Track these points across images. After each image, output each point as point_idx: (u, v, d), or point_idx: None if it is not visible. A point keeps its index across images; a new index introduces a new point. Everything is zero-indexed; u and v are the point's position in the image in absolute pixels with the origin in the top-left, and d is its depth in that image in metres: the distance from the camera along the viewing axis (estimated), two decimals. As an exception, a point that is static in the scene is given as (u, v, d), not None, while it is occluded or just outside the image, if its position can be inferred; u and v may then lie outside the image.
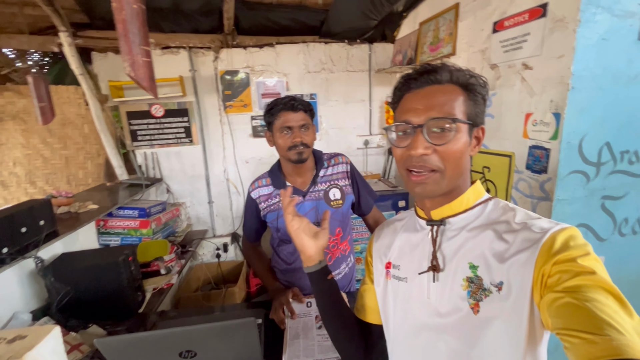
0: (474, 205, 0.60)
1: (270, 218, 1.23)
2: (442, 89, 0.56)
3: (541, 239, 0.48)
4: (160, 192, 2.67)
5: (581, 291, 0.41)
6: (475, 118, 0.57)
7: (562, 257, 0.45)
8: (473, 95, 0.56)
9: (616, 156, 1.29)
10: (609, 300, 0.41)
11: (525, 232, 0.51)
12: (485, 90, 0.58)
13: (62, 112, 2.41)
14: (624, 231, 1.38)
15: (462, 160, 0.56)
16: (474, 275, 0.54)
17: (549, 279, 0.45)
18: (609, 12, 1.15)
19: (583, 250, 0.46)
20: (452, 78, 0.56)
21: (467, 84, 0.56)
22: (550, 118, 1.27)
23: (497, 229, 0.55)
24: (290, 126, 1.13)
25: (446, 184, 0.56)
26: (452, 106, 0.54)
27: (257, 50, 2.57)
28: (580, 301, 0.41)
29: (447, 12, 1.92)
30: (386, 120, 2.77)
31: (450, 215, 0.60)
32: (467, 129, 0.56)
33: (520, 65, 1.41)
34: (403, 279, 0.65)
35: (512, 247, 0.51)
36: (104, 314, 1.31)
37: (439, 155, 0.54)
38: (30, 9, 1.92)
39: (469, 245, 0.56)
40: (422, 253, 0.63)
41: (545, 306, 0.45)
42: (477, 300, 0.53)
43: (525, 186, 1.42)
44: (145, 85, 0.85)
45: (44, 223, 1.33)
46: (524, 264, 0.49)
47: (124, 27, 0.76)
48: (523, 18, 1.37)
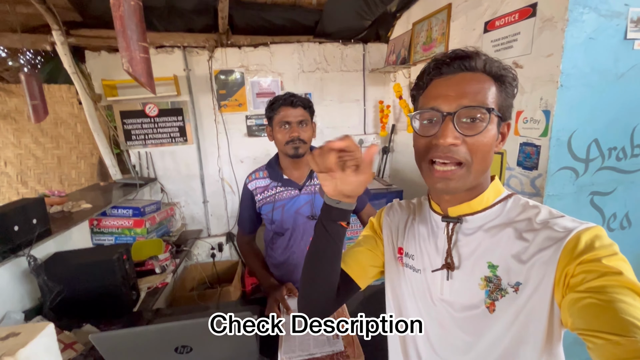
0: (494, 203, 0.57)
1: (265, 210, 1.25)
2: (475, 77, 0.51)
3: (565, 238, 0.47)
4: (155, 191, 2.65)
5: (606, 292, 0.40)
6: (505, 112, 0.54)
7: (588, 257, 0.44)
8: (504, 88, 0.53)
9: (604, 152, 1.32)
10: (636, 300, 0.39)
11: (546, 231, 0.49)
12: (516, 83, 0.55)
13: (54, 112, 2.38)
14: (612, 226, 1.41)
15: (489, 154, 0.53)
16: (492, 275, 0.53)
17: (572, 278, 0.44)
18: (596, 12, 1.18)
19: (609, 250, 0.44)
20: (486, 67, 0.52)
21: (500, 75, 0.53)
22: (540, 115, 1.30)
23: (517, 228, 0.53)
24: (289, 121, 1.16)
25: (471, 180, 0.52)
26: (485, 96, 0.51)
27: (251, 50, 2.58)
28: (604, 302, 0.40)
29: (439, 12, 1.95)
30: (380, 120, 2.79)
31: (469, 214, 0.57)
32: (497, 122, 0.53)
33: (511, 64, 1.43)
34: (417, 270, 0.63)
35: (532, 246, 0.50)
36: (98, 313, 1.30)
37: (467, 147, 0.51)
38: (22, 7, 1.90)
39: (487, 244, 0.55)
40: (436, 248, 0.61)
41: (567, 306, 0.44)
42: (493, 299, 0.52)
43: (517, 183, 1.45)
44: (143, 81, 0.85)
45: (37, 222, 1.32)
46: (546, 263, 0.48)
47: (121, 23, 0.76)
48: (513, 18, 1.40)
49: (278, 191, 1.23)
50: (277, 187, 1.24)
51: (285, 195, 1.23)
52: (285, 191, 1.23)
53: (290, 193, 1.23)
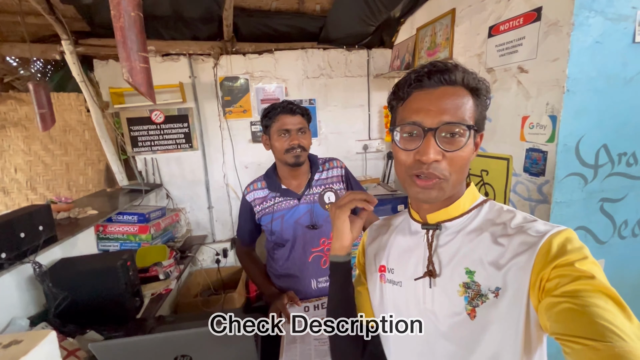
0: (470, 209, 0.59)
1: (265, 221, 1.24)
2: (455, 92, 0.53)
3: (538, 242, 0.48)
4: (160, 197, 2.67)
5: (580, 296, 0.41)
6: (480, 124, 0.56)
7: (561, 261, 0.45)
8: (480, 100, 0.55)
9: (614, 158, 1.29)
10: (609, 304, 0.40)
11: (521, 236, 0.51)
12: (489, 95, 0.57)
13: (63, 119, 2.43)
14: (623, 234, 1.37)
15: (466, 166, 0.55)
16: (470, 281, 0.53)
17: (547, 283, 0.45)
18: (602, 16, 1.16)
19: (581, 253, 0.45)
20: (464, 80, 0.53)
21: (476, 88, 0.54)
22: (546, 120, 1.28)
23: (493, 232, 0.54)
24: (288, 129, 1.15)
25: (449, 190, 0.55)
26: (464, 111, 0.52)
27: (256, 57, 2.60)
28: (579, 306, 0.40)
29: (443, 17, 1.94)
30: (385, 125, 2.77)
31: (446, 220, 0.59)
32: (474, 135, 0.55)
33: (516, 68, 1.42)
34: (397, 282, 0.64)
35: (507, 252, 0.51)
36: (102, 320, 1.31)
37: (447, 161, 0.53)
38: (32, 18, 1.95)
39: (465, 249, 0.56)
40: (417, 257, 0.61)
41: (544, 310, 0.44)
42: (473, 306, 0.52)
43: (523, 189, 1.42)
44: (143, 91, 0.86)
45: (43, 228, 1.34)
46: (521, 268, 0.48)
47: (122, 34, 0.77)
48: (518, 22, 1.39)
49: (277, 201, 1.22)
50: (276, 198, 1.22)
51: (284, 206, 1.22)
52: (284, 201, 1.22)
53: (289, 203, 1.22)
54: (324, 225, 1.23)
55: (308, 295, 1.24)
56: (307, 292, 1.24)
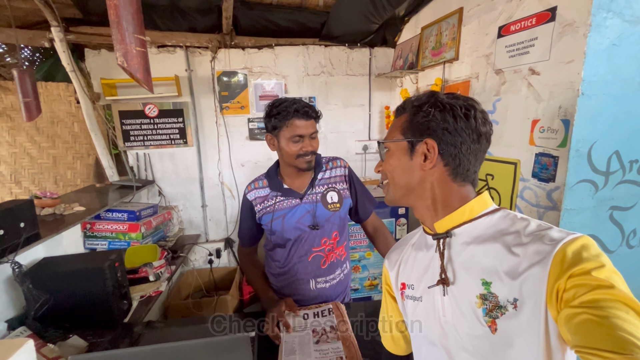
0: (479, 215, 0.57)
1: (265, 220, 1.18)
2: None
3: (552, 251, 0.46)
4: (152, 194, 2.58)
5: (600, 306, 0.40)
6: (415, 132, 0.60)
7: (577, 270, 0.43)
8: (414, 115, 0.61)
9: (625, 165, 1.25)
10: (630, 315, 0.39)
11: (535, 245, 0.49)
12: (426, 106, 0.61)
13: (51, 110, 2.32)
14: (632, 243, 1.34)
15: (400, 175, 0.62)
16: (487, 292, 0.52)
17: (564, 293, 0.43)
18: (620, 17, 1.12)
19: (597, 261, 0.43)
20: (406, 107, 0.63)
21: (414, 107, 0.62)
22: (558, 125, 1.23)
23: (506, 241, 0.52)
24: (302, 134, 1.07)
25: (393, 193, 0.65)
26: (392, 132, 0.63)
27: (255, 52, 2.52)
28: (599, 317, 0.39)
29: (450, 16, 1.90)
30: (386, 126, 2.72)
31: (455, 226, 0.58)
32: (407, 146, 0.60)
33: (527, 70, 1.37)
34: (418, 298, 0.63)
35: (523, 262, 0.49)
36: (87, 324, 1.23)
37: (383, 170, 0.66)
38: (20, 2, 1.85)
39: (478, 259, 0.54)
40: (433, 269, 0.61)
41: (564, 322, 0.43)
42: (493, 318, 0.51)
43: (531, 195, 1.38)
44: (139, 77, 0.78)
45: (25, 225, 1.25)
46: (537, 279, 0.46)
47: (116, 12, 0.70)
48: (530, 22, 1.34)
49: (278, 201, 1.17)
50: (277, 197, 1.17)
51: (286, 205, 1.16)
52: (285, 200, 1.17)
53: (290, 203, 1.17)
54: (325, 226, 1.18)
55: (307, 296, 1.20)
56: (306, 293, 1.20)
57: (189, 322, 1.28)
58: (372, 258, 2.40)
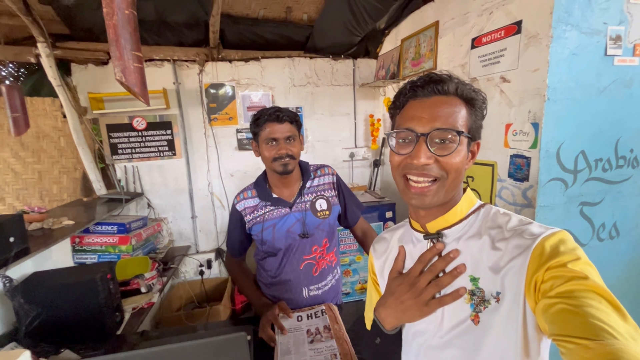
0: (467, 215, 0.60)
1: (255, 230, 1.20)
2: (447, 101, 0.55)
3: (531, 245, 0.49)
4: (141, 207, 2.57)
5: (574, 296, 0.42)
6: (475, 132, 0.58)
7: (554, 262, 0.46)
8: (474, 110, 0.57)
9: (591, 164, 1.35)
10: (602, 304, 0.41)
11: (516, 239, 0.52)
12: (485, 106, 0.59)
13: (36, 125, 2.30)
14: (602, 236, 1.44)
15: (460, 173, 0.57)
16: (475, 288, 0.54)
17: (542, 284, 0.46)
18: (578, 30, 1.23)
19: (573, 254, 0.46)
20: (458, 91, 0.56)
21: (470, 98, 0.57)
22: (529, 128, 1.33)
23: (490, 236, 0.55)
24: (276, 137, 1.11)
25: (444, 195, 0.56)
26: (456, 119, 0.55)
27: (242, 64, 2.58)
28: (574, 306, 0.41)
29: (427, 29, 2.01)
30: (371, 133, 2.81)
31: (446, 227, 0.60)
32: (467, 142, 0.56)
33: (498, 78, 1.48)
34: None
35: (505, 256, 0.52)
36: (79, 337, 1.22)
37: (439, 165, 0.55)
38: (5, 19, 1.86)
39: (466, 257, 0.56)
40: None
41: (541, 312, 0.45)
42: (477, 312, 0.53)
43: (508, 194, 1.46)
44: (137, 91, 0.82)
45: (15, 240, 1.24)
46: (517, 272, 0.49)
47: (115, 32, 0.74)
48: (499, 34, 1.45)
49: (267, 210, 1.19)
50: (267, 207, 1.19)
51: (275, 215, 1.19)
52: (275, 210, 1.19)
53: (280, 212, 1.19)
54: (315, 234, 1.21)
55: (300, 304, 1.21)
56: (299, 301, 1.21)
57: (184, 330, 1.29)
58: (362, 262, 2.45)
